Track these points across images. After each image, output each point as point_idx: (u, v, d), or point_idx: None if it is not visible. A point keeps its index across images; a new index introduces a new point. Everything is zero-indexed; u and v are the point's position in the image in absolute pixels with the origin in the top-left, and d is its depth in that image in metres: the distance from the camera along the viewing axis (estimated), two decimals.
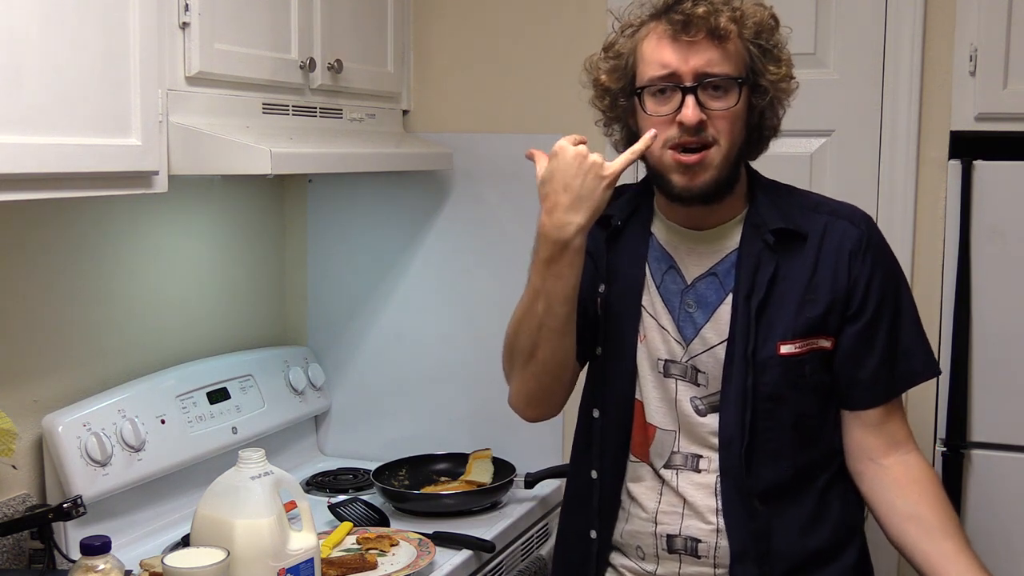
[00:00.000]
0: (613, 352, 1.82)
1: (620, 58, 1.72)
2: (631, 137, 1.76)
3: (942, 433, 2.30)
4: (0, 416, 1.90)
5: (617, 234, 1.83)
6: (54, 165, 1.66)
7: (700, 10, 1.63)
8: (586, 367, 1.89)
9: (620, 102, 1.75)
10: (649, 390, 1.79)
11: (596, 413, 1.84)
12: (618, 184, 1.70)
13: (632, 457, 1.82)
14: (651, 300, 1.79)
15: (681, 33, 1.64)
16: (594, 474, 1.85)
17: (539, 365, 1.78)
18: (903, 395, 1.81)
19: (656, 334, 1.78)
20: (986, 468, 2.29)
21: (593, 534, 1.86)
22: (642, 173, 1.84)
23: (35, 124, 1.63)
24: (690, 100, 1.64)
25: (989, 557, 1.76)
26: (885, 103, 2.39)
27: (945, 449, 2.28)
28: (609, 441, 1.83)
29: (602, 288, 1.82)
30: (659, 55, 1.67)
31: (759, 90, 1.70)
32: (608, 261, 1.83)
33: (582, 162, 1.64)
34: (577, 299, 1.74)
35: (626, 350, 1.80)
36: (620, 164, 1.67)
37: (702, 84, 1.64)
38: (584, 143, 1.68)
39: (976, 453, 2.30)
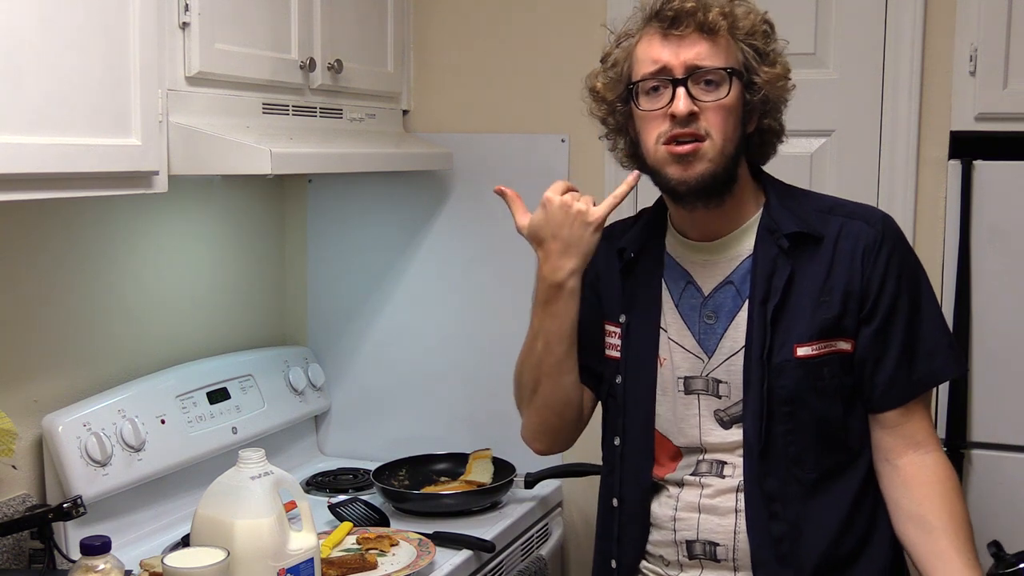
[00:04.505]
0: (634, 379, 1.82)
1: (616, 67, 1.75)
2: (634, 148, 1.77)
3: (942, 433, 2.29)
4: (0, 416, 1.90)
5: (633, 263, 1.85)
6: (54, 165, 1.66)
7: (688, 5, 1.66)
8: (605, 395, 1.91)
9: (618, 108, 1.77)
10: (672, 411, 1.78)
11: (616, 441, 1.84)
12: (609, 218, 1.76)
13: (655, 479, 1.81)
14: (670, 321, 1.79)
15: (671, 29, 1.67)
16: (615, 502, 1.85)
17: (541, 401, 1.86)
18: (930, 393, 1.78)
19: (677, 354, 1.78)
20: (986, 468, 2.29)
21: (613, 563, 1.86)
22: (643, 193, 1.85)
23: (35, 124, 1.63)
24: (680, 92, 1.65)
25: (984, 562, 1.75)
26: (885, 103, 2.39)
27: (945, 449, 2.28)
28: (630, 468, 1.83)
29: (623, 318, 1.83)
30: (650, 52, 1.69)
31: (752, 87, 1.71)
32: (625, 291, 1.84)
33: (568, 211, 1.74)
34: (576, 339, 1.82)
35: (646, 376, 1.80)
36: (604, 210, 1.75)
37: (693, 77, 1.66)
38: (572, 190, 1.77)
39: (976, 453, 2.30)
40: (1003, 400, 2.28)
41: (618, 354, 1.84)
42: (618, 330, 1.84)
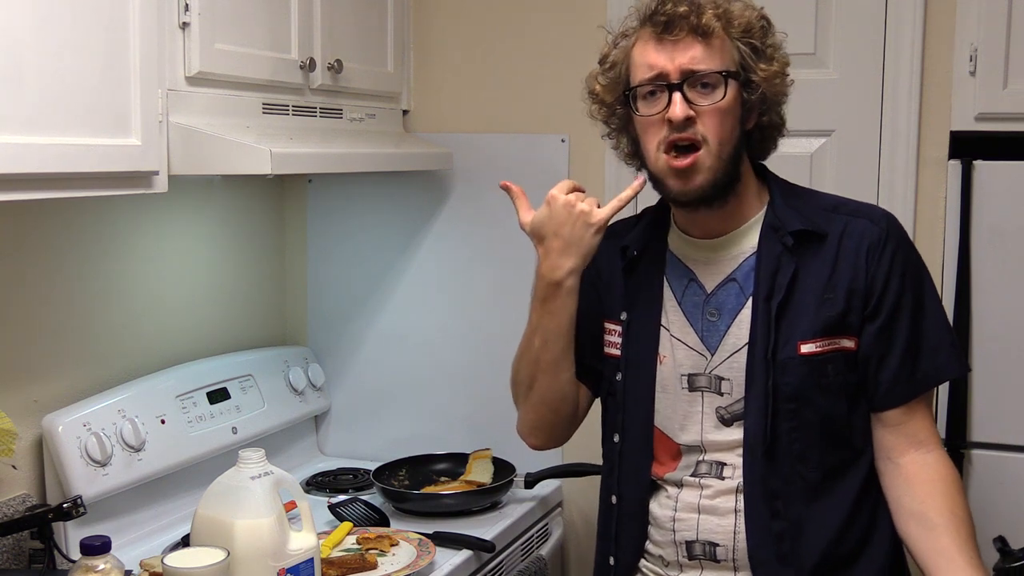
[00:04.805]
0: (633, 377, 1.83)
1: (614, 68, 1.76)
2: (636, 148, 1.78)
3: (942, 433, 2.29)
4: (0, 416, 1.90)
5: (635, 261, 1.85)
6: (54, 165, 1.66)
7: (681, 9, 1.66)
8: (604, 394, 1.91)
9: (617, 110, 1.78)
10: (673, 408, 1.79)
11: (616, 438, 1.85)
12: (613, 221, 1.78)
13: (654, 477, 1.82)
14: (672, 318, 1.80)
15: (665, 33, 1.68)
16: (613, 499, 1.86)
17: (537, 397, 1.88)
18: (932, 392, 1.78)
19: (679, 351, 1.78)
20: (986, 468, 2.29)
21: (612, 560, 1.87)
22: (644, 193, 1.86)
23: (35, 124, 1.63)
24: (676, 96, 1.66)
25: (989, 557, 1.76)
26: (885, 103, 2.39)
27: (945, 449, 2.28)
28: (629, 465, 1.84)
29: (624, 316, 1.84)
30: (646, 57, 1.70)
31: (750, 86, 1.71)
32: (627, 289, 1.85)
33: (571, 211, 1.75)
34: (573, 336, 1.83)
35: (645, 374, 1.81)
36: (607, 212, 1.76)
37: (689, 81, 1.66)
38: (579, 190, 1.77)
39: (976, 453, 2.30)
40: (1003, 400, 2.28)
41: (618, 352, 1.84)
42: (619, 328, 1.84)
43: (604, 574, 1.89)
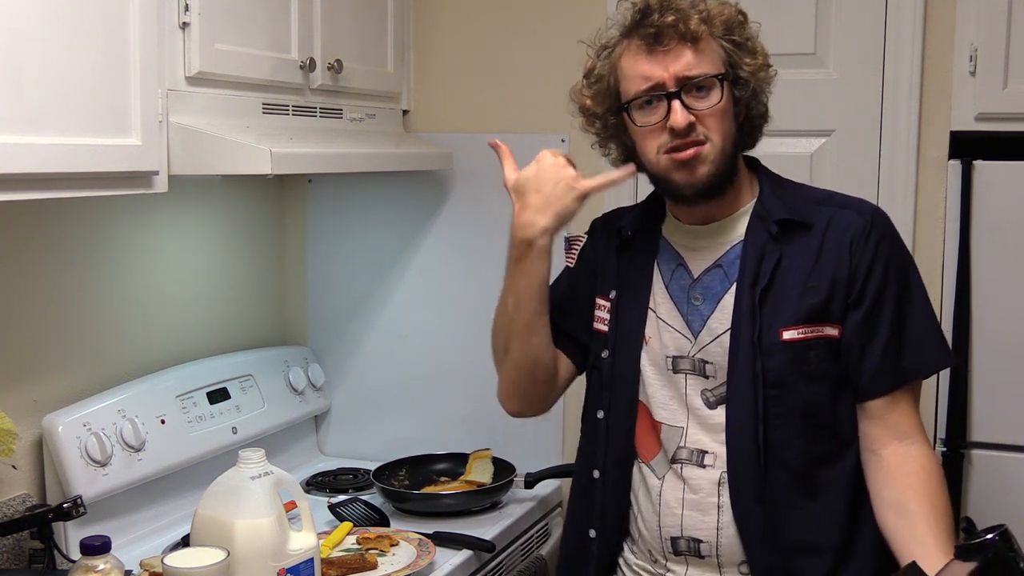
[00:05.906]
0: (619, 355, 1.84)
1: (602, 81, 1.78)
2: (628, 153, 1.80)
3: (942, 433, 2.30)
4: (0, 416, 1.90)
5: (629, 243, 1.87)
6: (54, 165, 1.66)
7: (669, 19, 1.67)
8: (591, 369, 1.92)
9: (610, 121, 1.79)
10: (656, 389, 1.80)
11: (601, 415, 1.86)
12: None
13: (638, 459, 1.83)
14: (659, 301, 1.82)
15: (655, 44, 1.69)
16: (596, 474, 1.87)
17: (512, 360, 1.89)
18: (919, 386, 1.79)
19: (665, 333, 1.80)
20: (986, 468, 2.29)
21: (592, 533, 1.87)
22: (642, 190, 1.86)
23: (35, 124, 1.63)
24: (676, 105, 1.68)
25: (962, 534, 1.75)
26: (885, 103, 2.39)
27: (945, 449, 2.28)
28: (614, 442, 1.85)
29: (613, 294, 1.86)
30: (639, 69, 1.71)
31: (740, 83, 1.74)
32: (618, 268, 1.87)
33: (559, 170, 1.77)
34: (546, 299, 1.84)
35: (630, 353, 1.83)
36: (594, 182, 1.78)
37: (685, 87, 1.68)
38: (571, 164, 1.79)
39: (976, 453, 2.30)
40: (1003, 400, 2.27)
41: (606, 328, 1.86)
42: (608, 304, 1.86)
43: (581, 546, 1.88)
